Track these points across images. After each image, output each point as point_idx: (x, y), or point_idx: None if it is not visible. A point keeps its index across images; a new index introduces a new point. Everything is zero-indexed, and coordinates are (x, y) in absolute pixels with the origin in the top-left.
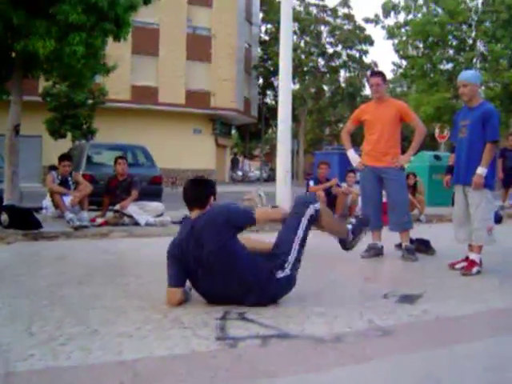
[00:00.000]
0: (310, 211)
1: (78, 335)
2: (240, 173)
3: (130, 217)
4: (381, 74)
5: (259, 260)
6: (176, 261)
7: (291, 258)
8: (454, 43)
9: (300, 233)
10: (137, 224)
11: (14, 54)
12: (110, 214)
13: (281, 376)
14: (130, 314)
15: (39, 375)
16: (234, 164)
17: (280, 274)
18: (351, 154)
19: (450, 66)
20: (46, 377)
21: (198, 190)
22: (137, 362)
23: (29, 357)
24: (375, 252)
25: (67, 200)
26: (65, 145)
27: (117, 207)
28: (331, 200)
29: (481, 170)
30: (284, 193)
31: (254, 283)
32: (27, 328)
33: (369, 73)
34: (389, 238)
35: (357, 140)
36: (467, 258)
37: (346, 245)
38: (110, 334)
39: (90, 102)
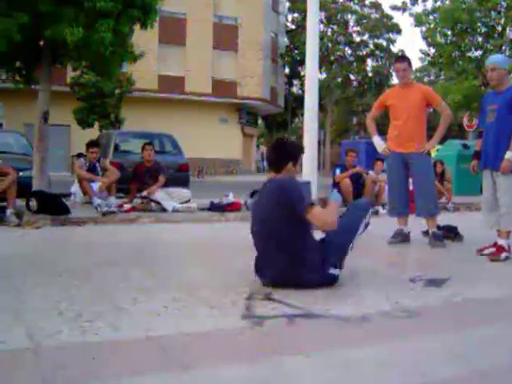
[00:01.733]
0: (368, 217)
1: (106, 313)
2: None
3: (157, 203)
4: (407, 59)
5: (317, 246)
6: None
7: (345, 259)
8: (483, 30)
9: (360, 231)
10: (164, 210)
11: (41, 42)
12: (137, 200)
13: (306, 354)
14: (158, 294)
15: (67, 350)
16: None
17: (330, 270)
18: (376, 140)
19: (478, 53)
20: (74, 351)
21: (277, 152)
22: (164, 338)
23: (57, 333)
24: (402, 238)
25: (95, 186)
26: (92, 134)
27: (144, 193)
28: (358, 188)
29: (509, 155)
30: (310, 180)
31: (303, 265)
32: (56, 306)
33: (395, 58)
34: (416, 224)
35: (383, 130)
36: (495, 244)
37: None
38: (138, 312)
39: (118, 91)
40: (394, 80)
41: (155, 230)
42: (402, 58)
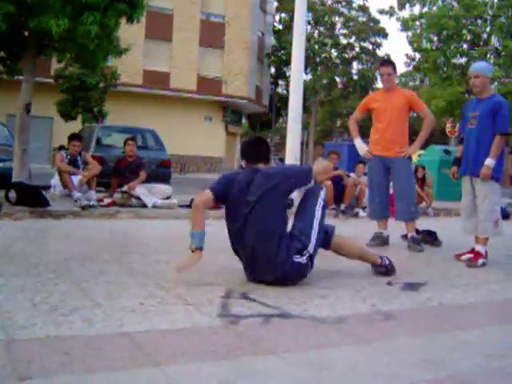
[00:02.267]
0: (322, 194)
1: (81, 307)
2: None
3: (138, 198)
4: (392, 64)
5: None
6: (223, 185)
7: (311, 246)
8: (469, 37)
9: (318, 214)
10: (144, 205)
11: (26, 33)
12: (117, 195)
13: (281, 353)
14: (134, 290)
15: (40, 343)
16: None
17: (297, 259)
18: (358, 143)
19: (463, 60)
20: (47, 344)
21: (263, 147)
22: (137, 334)
23: (31, 325)
24: (381, 241)
25: (75, 179)
26: (75, 127)
27: (124, 188)
28: (339, 190)
29: (489, 162)
30: None
31: (273, 255)
32: (31, 299)
33: (380, 62)
34: (395, 228)
35: (366, 133)
36: (473, 250)
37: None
38: (113, 307)
39: (102, 85)
40: (379, 83)
41: (134, 226)
42: (387, 62)
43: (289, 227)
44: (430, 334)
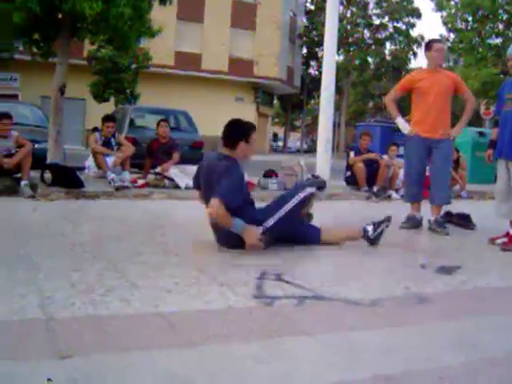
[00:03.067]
0: (304, 193)
1: (118, 287)
2: (280, 143)
3: (171, 179)
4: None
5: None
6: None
7: (271, 221)
8: (505, 17)
9: (288, 206)
10: (177, 187)
11: (60, 15)
12: (150, 176)
13: (315, 334)
14: (169, 270)
15: (79, 322)
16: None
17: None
18: (401, 122)
19: (499, 40)
20: (86, 324)
21: (230, 130)
22: (173, 314)
23: (69, 305)
24: (414, 223)
25: (109, 160)
26: (108, 109)
27: (158, 169)
28: (371, 172)
29: None
30: (324, 163)
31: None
32: (68, 279)
33: (429, 40)
34: (428, 211)
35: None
36: (508, 234)
37: (370, 240)
38: (149, 287)
39: (134, 66)
40: (412, 64)
41: (168, 207)
42: (440, 39)
43: None
44: (464, 317)
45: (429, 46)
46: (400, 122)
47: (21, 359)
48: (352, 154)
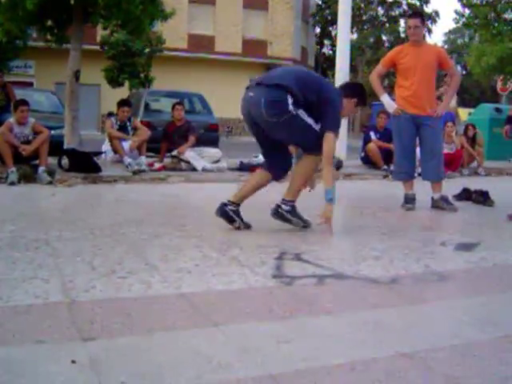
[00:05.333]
0: None
1: (138, 270)
2: None
3: (188, 162)
4: (420, 15)
5: None
6: None
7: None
8: None
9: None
10: (194, 169)
11: (72, 1)
12: (167, 160)
13: (337, 313)
14: (189, 252)
15: (101, 305)
16: None
17: None
18: (386, 100)
19: None
20: (108, 306)
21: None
22: (195, 295)
23: (91, 288)
24: (414, 201)
25: (126, 145)
26: (123, 93)
27: (174, 153)
28: (388, 151)
29: None
30: (340, 143)
31: None
32: (89, 262)
33: (408, 14)
34: (446, 188)
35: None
36: None
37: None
38: (170, 269)
39: (148, 50)
40: (428, 41)
41: (185, 189)
42: (415, 13)
43: None
44: (485, 294)
45: (406, 20)
46: (385, 101)
47: (45, 342)
48: (372, 134)
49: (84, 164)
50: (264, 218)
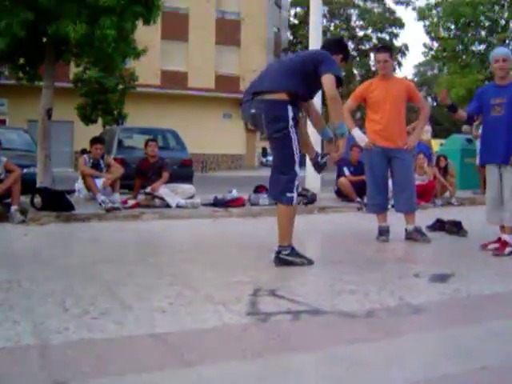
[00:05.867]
0: None
1: (112, 310)
2: (269, 158)
3: (161, 199)
4: (388, 50)
5: None
6: None
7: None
8: (486, 24)
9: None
10: (168, 206)
11: (45, 39)
12: (141, 196)
13: (312, 349)
14: (163, 291)
15: (73, 347)
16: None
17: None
18: (357, 134)
19: (482, 47)
20: (80, 348)
21: (335, 41)
22: (168, 335)
23: (63, 330)
24: (388, 233)
25: (99, 182)
26: (96, 130)
27: (148, 189)
28: (361, 184)
29: None
30: (314, 176)
31: None
32: (61, 303)
33: (376, 49)
34: (419, 219)
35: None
36: (499, 239)
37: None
38: (143, 309)
39: (121, 87)
40: (397, 74)
41: (159, 226)
42: (383, 48)
43: None
44: (460, 325)
45: (374, 55)
46: (356, 134)
47: None
48: (346, 170)
49: (57, 202)
50: (238, 253)
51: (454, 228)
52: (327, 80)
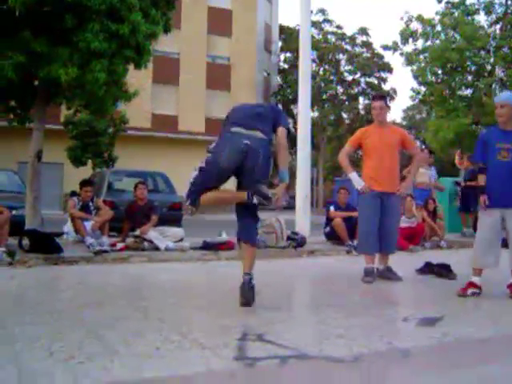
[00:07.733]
0: None
1: (98, 355)
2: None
3: (150, 242)
4: (384, 98)
5: None
6: None
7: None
8: (473, 69)
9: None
10: (157, 249)
11: (36, 82)
12: (130, 239)
13: None
14: (150, 335)
15: None
16: None
17: None
18: (355, 178)
19: (469, 91)
20: None
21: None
22: (155, 381)
23: (49, 375)
24: (375, 275)
25: (88, 225)
26: (86, 172)
27: (137, 232)
28: (351, 226)
29: None
30: (303, 219)
31: None
32: (47, 347)
33: (372, 96)
34: (408, 262)
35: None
36: (470, 283)
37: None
38: (130, 353)
39: (111, 129)
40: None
41: (148, 270)
42: (379, 96)
43: None
44: (448, 370)
45: (371, 103)
46: (354, 178)
47: None
48: (332, 208)
49: (45, 245)
50: (226, 297)
51: (443, 271)
52: (283, 133)
